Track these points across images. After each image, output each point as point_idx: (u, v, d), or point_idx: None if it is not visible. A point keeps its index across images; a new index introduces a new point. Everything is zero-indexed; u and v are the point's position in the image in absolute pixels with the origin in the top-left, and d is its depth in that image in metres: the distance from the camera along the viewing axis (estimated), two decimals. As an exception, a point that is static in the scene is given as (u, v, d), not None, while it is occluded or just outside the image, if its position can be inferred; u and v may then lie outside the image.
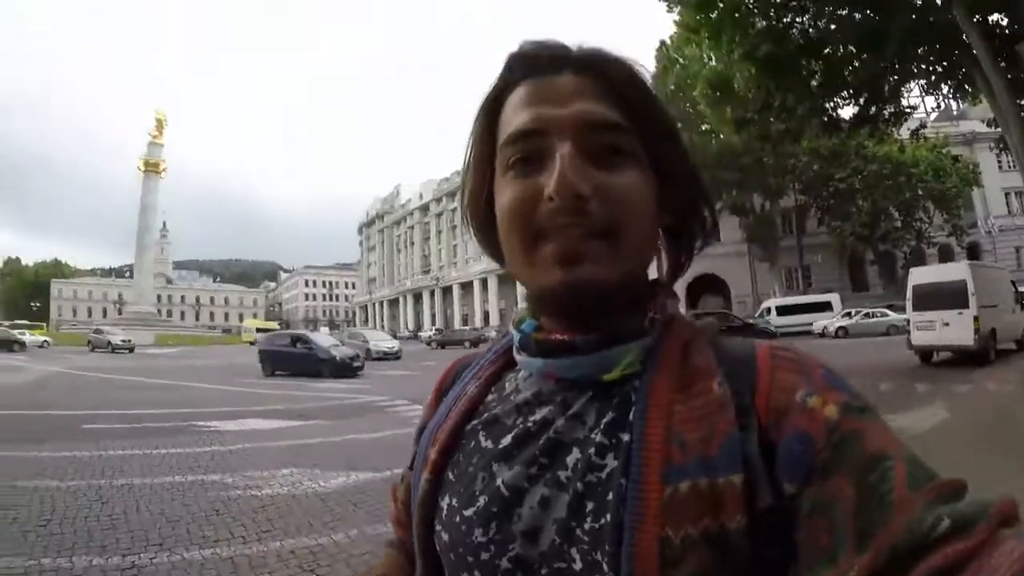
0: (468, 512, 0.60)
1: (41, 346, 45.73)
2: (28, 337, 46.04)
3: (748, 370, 0.57)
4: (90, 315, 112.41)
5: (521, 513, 0.57)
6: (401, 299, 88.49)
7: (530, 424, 0.61)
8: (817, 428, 0.51)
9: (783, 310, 35.88)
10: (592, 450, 0.56)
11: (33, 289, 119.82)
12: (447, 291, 77.22)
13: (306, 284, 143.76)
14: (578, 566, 0.53)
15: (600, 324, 0.59)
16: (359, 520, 5.67)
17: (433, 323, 75.66)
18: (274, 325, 75.86)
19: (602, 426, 0.57)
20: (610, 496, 0.53)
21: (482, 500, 0.59)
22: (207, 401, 14.86)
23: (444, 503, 0.63)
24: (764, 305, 38.25)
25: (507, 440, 0.62)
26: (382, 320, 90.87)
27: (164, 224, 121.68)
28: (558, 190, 0.54)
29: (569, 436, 0.58)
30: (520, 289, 0.66)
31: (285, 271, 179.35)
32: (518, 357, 0.66)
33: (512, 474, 0.59)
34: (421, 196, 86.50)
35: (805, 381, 0.54)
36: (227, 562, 4.73)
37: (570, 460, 0.57)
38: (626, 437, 0.55)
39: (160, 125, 76.34)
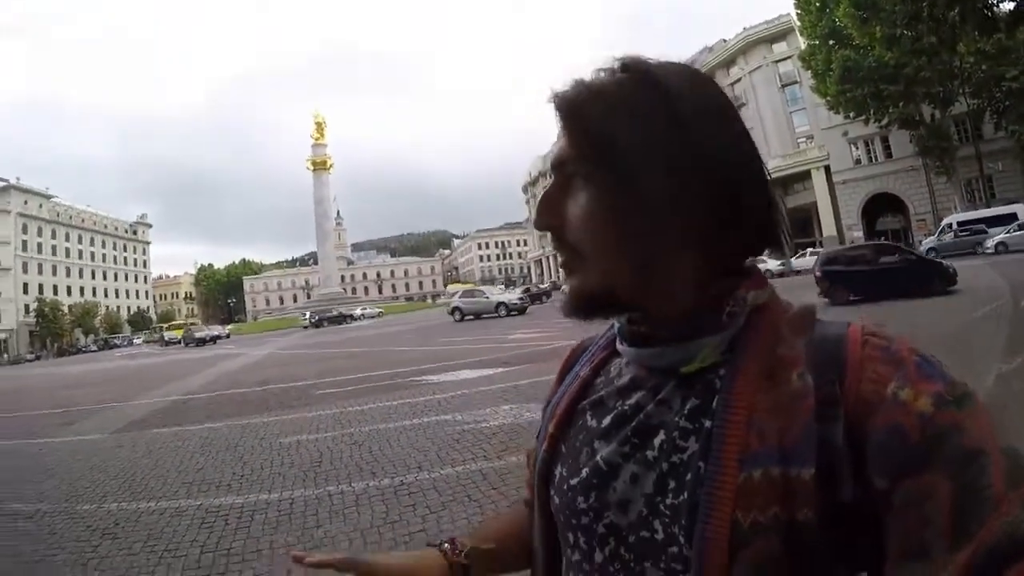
0: (573, 481, 0.75)
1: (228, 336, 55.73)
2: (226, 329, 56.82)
3: (837, 360, 0.62)
4: (281, 303, 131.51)
5: (616, 486, 0.70)
6: None
7: (626, 407, 0.74)
8: (910, 422, 0.55)
9: (964, 225, 32.56)
10: (676, 433, 0.67)
11: (227, 288, 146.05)
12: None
13: (479, 247, 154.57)
14: (660, 537, 0.65)
15: (675, 319, 0.70)
16: None
17: None
18: (472, 285, 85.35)
19: (686, 411, 0.67)
20: (689, 476, 0.64)
21: (584, 472, 0.74)
22: (415, 360, 17.31)
23: (557, 472, 0.79)
24: (944, 222, 35.35)
25: (607, 420, 0.75)
26: (557, 272, 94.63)
27: (338, 212, 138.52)
28: (535, 226, 0.76)
29: (657, 419, 0.70)
30: None
31: (457, 237, 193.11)
32: (619, 346, 0.79)
33: (609, 451, 0.72)
34: None
35: (897, 372, 0.59)
36: (477, 473, 6.26)
37: (657, 441, 0.68)
38: (707, 423, 0.65)
39: (320, 128, 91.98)
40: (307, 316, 65.73)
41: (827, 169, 48.80)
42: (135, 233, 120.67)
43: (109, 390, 18.89)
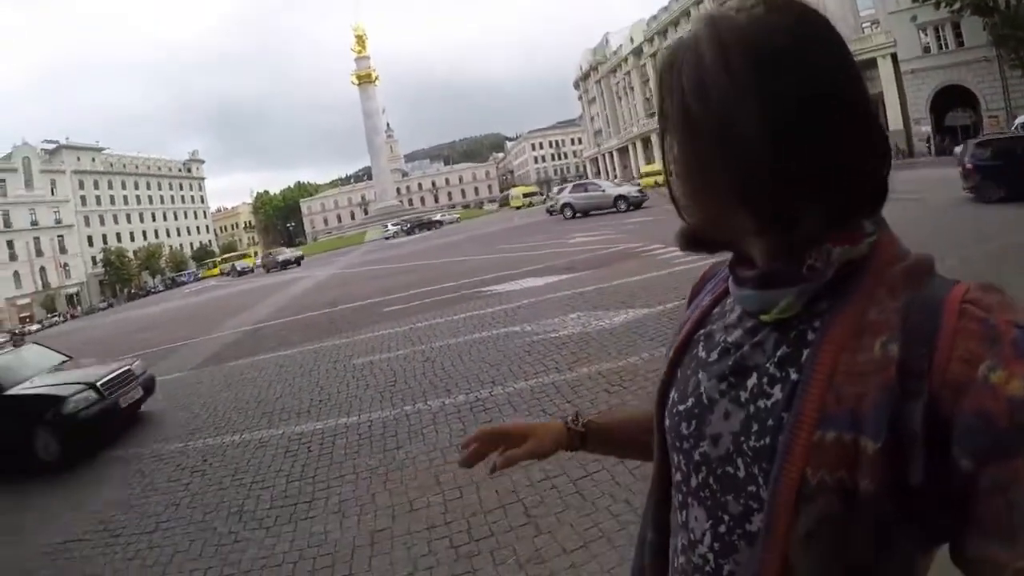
0: (681, 407, 0.81)
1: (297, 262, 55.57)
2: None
3: (931, 330, 0.61)
4: (339, 221, 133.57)
5: (711, 419, 0.76)
6: (630, 147, 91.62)
7: (729, 344, 0.78)
8: (998, 407, 0.54)
9: None
10: (765, 379, 0.70)
11: (285, 213, 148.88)
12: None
13: (533, 148, 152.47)
14: (741, 474, 0.71)
15: (761, 263, 0.74)
16: (644, 347, 7.00)
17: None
18: (535, 188, 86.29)
19: (776, 358, 0.70)
20: (771, 423, 0.68)
21: (690, 401, 0.80)
22: (478, 270, 17.38)
23: (672, 395, 0.85)
24: (1018, 121, 31.88)
25: (713, 354, 0.80)
26: (613, 169, 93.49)
27: (388, 124, 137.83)
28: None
29: (751, 361, 0.73)
30: None
31: (510, 140, 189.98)
32: (729, 282, 0.81)
33: (710, 385, 0.77)
34: (632, 40, 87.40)
35: (991, 350, 0.57)
36: (550, 386, 6.26)
37: (750, 383, 0.72)
38: (794, 375, 0.67)
39: (361, 41, 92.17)
40: (388, 227, 67.55)
41: (894, 57, 44.80)
42: (189, 171, 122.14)
43: (182, 328, 19.64)
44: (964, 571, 0.58)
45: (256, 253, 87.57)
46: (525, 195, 77.07)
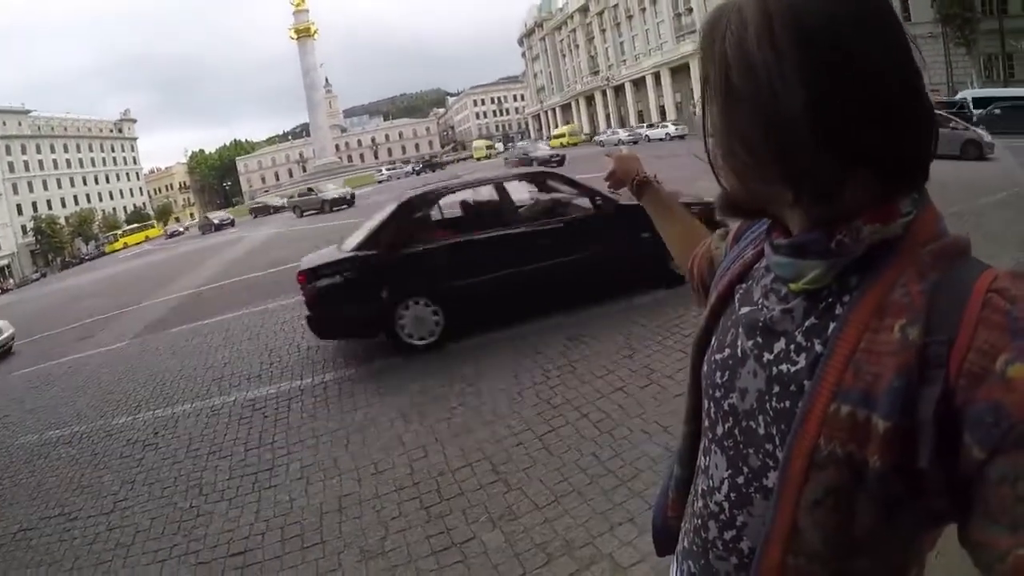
0: (718, 357, 0.85)
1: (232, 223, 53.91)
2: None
3: (952, 319, 0.61)
4: (277, 179, 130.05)
5: (741, 373, 0.79)
6: (573, 104, 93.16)
7: (762, 304, 0.80)
8: (1013, 401, 0.55)
9: (980, 103, 30.42)
10: (792, 346, 0.73)
11: (221, 172, 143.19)
12: (619, 90, 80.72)
13: (475, 104, 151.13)
14: (762, 431, 0.74)
15: (794, 232, 0.75)
16: (605, 302, 6.94)
17: (608, 124, 77.74)
18: (490, 142, 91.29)
19: (804, 327, 0.72)
20: (792, 388, 0.70)
21: (726, 351, 0.83)
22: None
23: (712, 341, 0.88)
24: (959, 96, 33.42)
25: (747, 310, 0.82)
26: (555, 127, 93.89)
27: (327, 80, 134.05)
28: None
29: (780, 326, 0.75)
30: (693, 83, 1.01)
31: (452, 95, 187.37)
32: (765, 246, 0.81)
33: (743, 341, 0.81)
34: None
35: (1012, 343, 0.57)
36: (506, 341, 6.14)
37: (777, 347, 0.75)
38: (819, 347, 0.69)
39: None
40: (383, 171, 67.87)
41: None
42: (120, 131, 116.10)
43: (121, 295, 18.99)
44: (969, 552, 0.60)
45: (192, 215, 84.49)
46: (487, 147, 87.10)
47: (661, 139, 47.67)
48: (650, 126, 54.98)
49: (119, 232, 74.49)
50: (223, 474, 4.77)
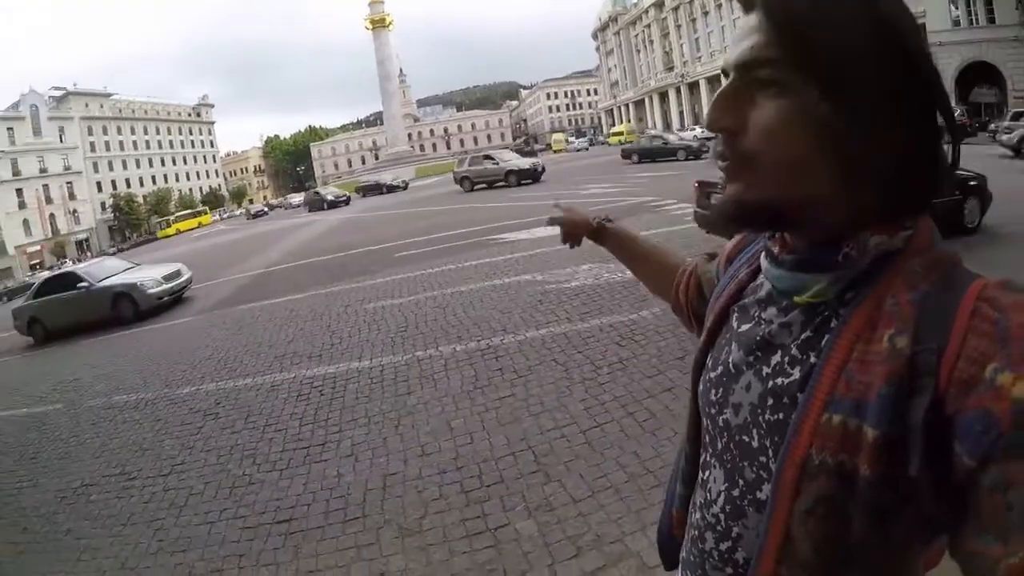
0: (712, 375, 0.85)
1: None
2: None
3: (942, 328, 0.61)
4: (350, 165, 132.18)
5: (735, 388, 0.79)
6: (646, 100, 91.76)
7: (760, 320, 0.79)
8: (1002, 409, 0.54)
9: None
10: (787, 359, 0.73)
11: (295, 157, 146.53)
12: (693, 87, 79.08)
13: (547, 97, 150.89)
14: (755, 444, 0.75)
15: (799, 245, 0.74)
16: (656, 302, 6.72)
17: (681, 121, 76.64)
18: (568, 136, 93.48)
19: (800, 340, 0.72)
20: (786, 400, 0.71)
21: (720, 369, 0.83)
22: (490, 218, 17.17)
23: (708, 361, 0.89)
24: None
25: (745, 327, 0.82)
26: (629, 122, 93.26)
27: (401, 70, 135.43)
28: (706, 125, 0.73)
29: (777, 340, 0.75)
30: None
31: (525, 88, 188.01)
32: (762, 259, 0.82)
33: (737, 356, 0.80)
34: None
35: (1001, 351, 0.57)
36: (561, 336, 6.23)
37: (773, 360, 0.75)
38: (813, 359, 0.70)
39: None
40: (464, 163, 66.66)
41: (923, 28, 44.49)
42: (199, 115, 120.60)
43: (193, 271, 19.76)
44: (959, 563, 0.59)
45: (266, 197, 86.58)
46: (567, 140, 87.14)
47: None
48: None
49: (171, 218, 75.46)
50: (277, 446, 4.90)
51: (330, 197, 44.82)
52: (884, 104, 0.64)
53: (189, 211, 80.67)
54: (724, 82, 0.73)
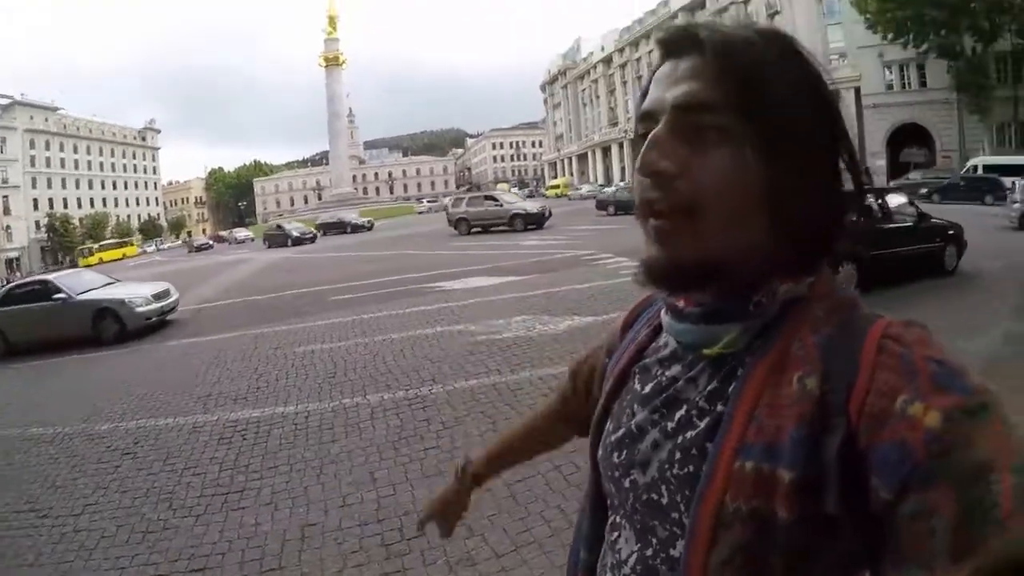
0: (613, 438, 0.83)
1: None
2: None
3: (849, 367, 0.62)
4: (292, 204, 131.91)
5: (640, 448, 0.78)
6: (589, 154, 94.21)
7: (664, 378, 0.79)
8: (916, 439, 0.55)
9: (991, 170, 31.04)
10: (694, 412, 0.72)
11: (238, 191, 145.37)
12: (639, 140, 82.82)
13: (493, 147, 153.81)
14: (666, 501, 0.73)
15: (706, 298, 0.73)
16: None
17: (623, 176, 79.24)
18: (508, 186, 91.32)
19: (706, 392, 0.72)
20: (694, 452, 0.70)
21: (622, 431, 0.82)
22: (429, 266, 17.39)
23: (607, 427, 0.87)
24: (970, 163, 34.56)
25: (648, 387, 0.81)
26: (571, 175, 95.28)
27: (350, 110, 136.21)
28: (639, 168, 0.69)
29: (683, 395, 0.75)
30: None
31: (471, 136, 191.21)
32: (663, 316, 0.82)
33: (641, 417, 0.79)
34: (603, 48, 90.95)
35: (909, 384, 0.58)
36: (491, 388, 6.38)
37: (677, 415, 0.74)
38: (720, 407, 0.69)
39: (333, 21, 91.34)
40: (424, 202, 60.25)
41: (857, 91, 45.86)
42: (144, 139, 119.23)
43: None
44: None
45: (204, 230, 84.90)
46: (509, 190, 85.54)
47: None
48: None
49: (95, 246, 72.74)
50: (194, 491, 4.85)
51: (295, 233, 41.81)
52: (815, 156, 0.68)
53: (114, 240, 78.28)
54: (640, 127, 0.74)
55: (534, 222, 28.37)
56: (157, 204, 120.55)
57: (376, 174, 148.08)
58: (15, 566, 4.13)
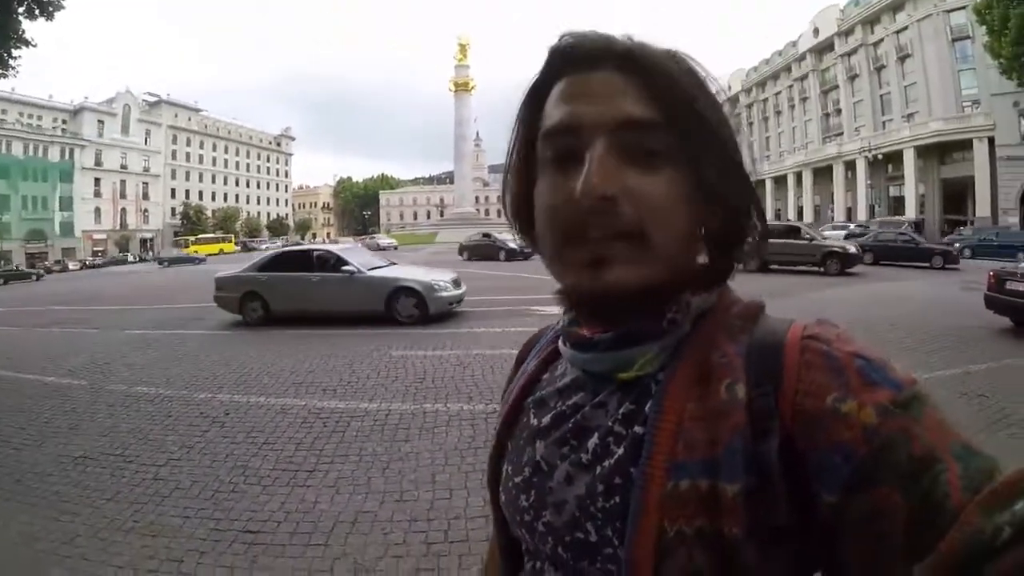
0: (517, 479, 0.76)
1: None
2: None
3: (774, 368, 0.61)
4: (415, 218, 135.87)
5: (552, 486, 0.71)
6: None
7: (565, 407, 0.74)
8: (854, 436, 0.54)
9: None
10: (610, 438, 0.67)
11: (363, 201, 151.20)
12: (759, 184, 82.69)
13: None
14: (594, 538, 0.65)
15: (620, 324, 0.69)
16: None
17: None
18: None
19: (620, 416, 0.67)
20: (617, 480, 0.64)
21: (526, 471, 0.75)
22: (534, 288, 17.37)
23: (505, 469, 0.81)
24: None
25: (547, 419, 0.75)
26: None
27: (477, 134, 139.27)
28: (584, 191, 0.62)
29: (593, 422, 0.70)
30: (836, 187, 0.88)
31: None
32: (560, 346, 0.78)
33: (547, 451, 0.73)
34: (729, 87, 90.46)
35: (837, 381, 0.57)
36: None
37: (591, 444, 0.68)
38: (639, 429, 0.64)
39: (463, 50, 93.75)
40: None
41: (991, 141, 42.97)
42: (279, 145, 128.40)
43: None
44: None
45: (329, 235, 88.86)
46: None
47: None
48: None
49: (192, 239, 78.03)
50: (268, 463, 5.12)
51: (511, 245, 32.27)
52: (736, 170, 0.68)
53: (212, 235, 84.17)
54: (557, 142, 0.67)
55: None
56: (286, 205, 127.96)
57: (499, 197, 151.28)
58: (96, 497, 4.55)
